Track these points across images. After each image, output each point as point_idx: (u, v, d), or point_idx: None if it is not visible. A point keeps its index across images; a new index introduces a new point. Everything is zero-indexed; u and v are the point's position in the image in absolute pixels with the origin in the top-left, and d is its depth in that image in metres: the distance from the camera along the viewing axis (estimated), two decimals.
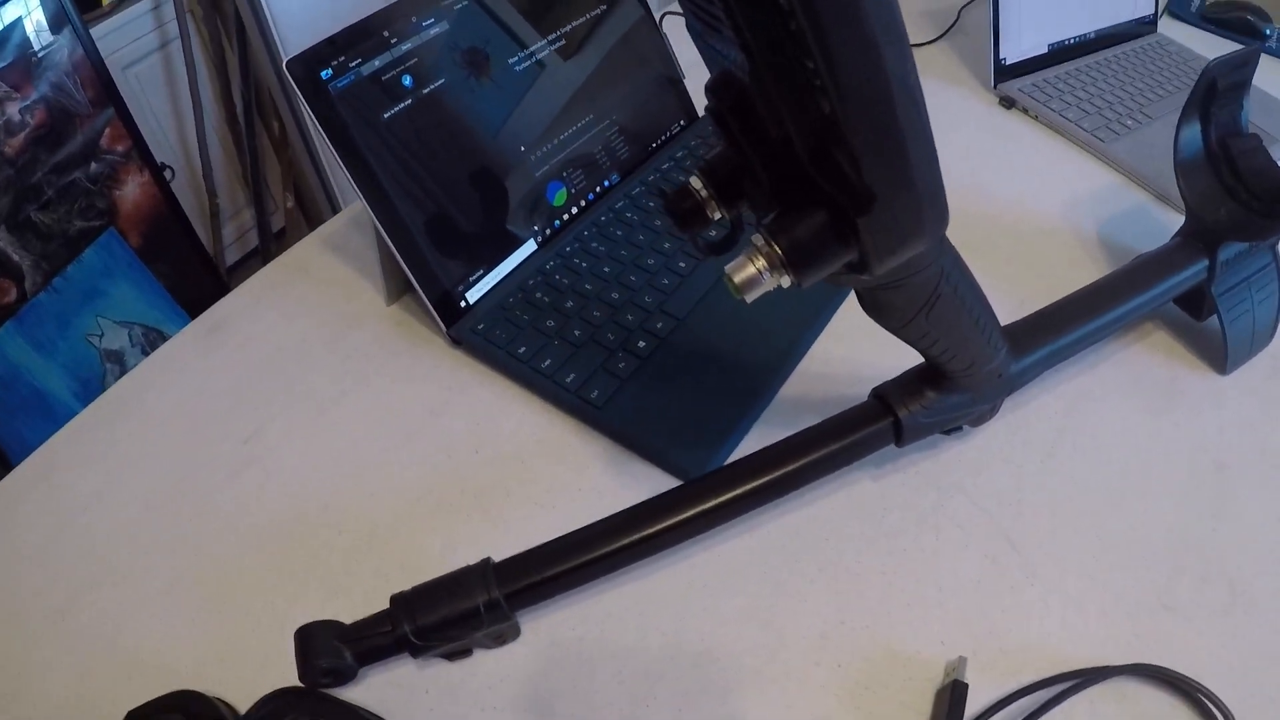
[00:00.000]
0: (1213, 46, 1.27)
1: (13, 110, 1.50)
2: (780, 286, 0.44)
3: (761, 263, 0.43)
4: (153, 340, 1.74)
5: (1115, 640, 0.58)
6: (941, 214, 0.42)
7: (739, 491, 0.59)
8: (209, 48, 2.06)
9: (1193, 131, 0.76)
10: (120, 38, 1.93)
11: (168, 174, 1.90)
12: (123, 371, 1.56)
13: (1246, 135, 0.76)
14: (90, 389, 1.59)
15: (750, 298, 0.44)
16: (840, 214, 0.41)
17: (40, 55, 1.54)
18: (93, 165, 1.67)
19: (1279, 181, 0.73)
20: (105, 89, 1.68)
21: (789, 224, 0.42)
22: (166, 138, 2.09)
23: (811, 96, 0.37)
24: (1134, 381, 0.75)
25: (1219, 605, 0.60)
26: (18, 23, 1.50)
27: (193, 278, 1.91)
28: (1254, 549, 0.63)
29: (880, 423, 0.61)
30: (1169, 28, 1.35)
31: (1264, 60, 1.28)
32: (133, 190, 1.78)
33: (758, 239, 0.43)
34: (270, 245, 2.29)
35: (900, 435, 0.62)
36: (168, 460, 0.72)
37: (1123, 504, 0.66)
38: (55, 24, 1.56)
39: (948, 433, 0.67)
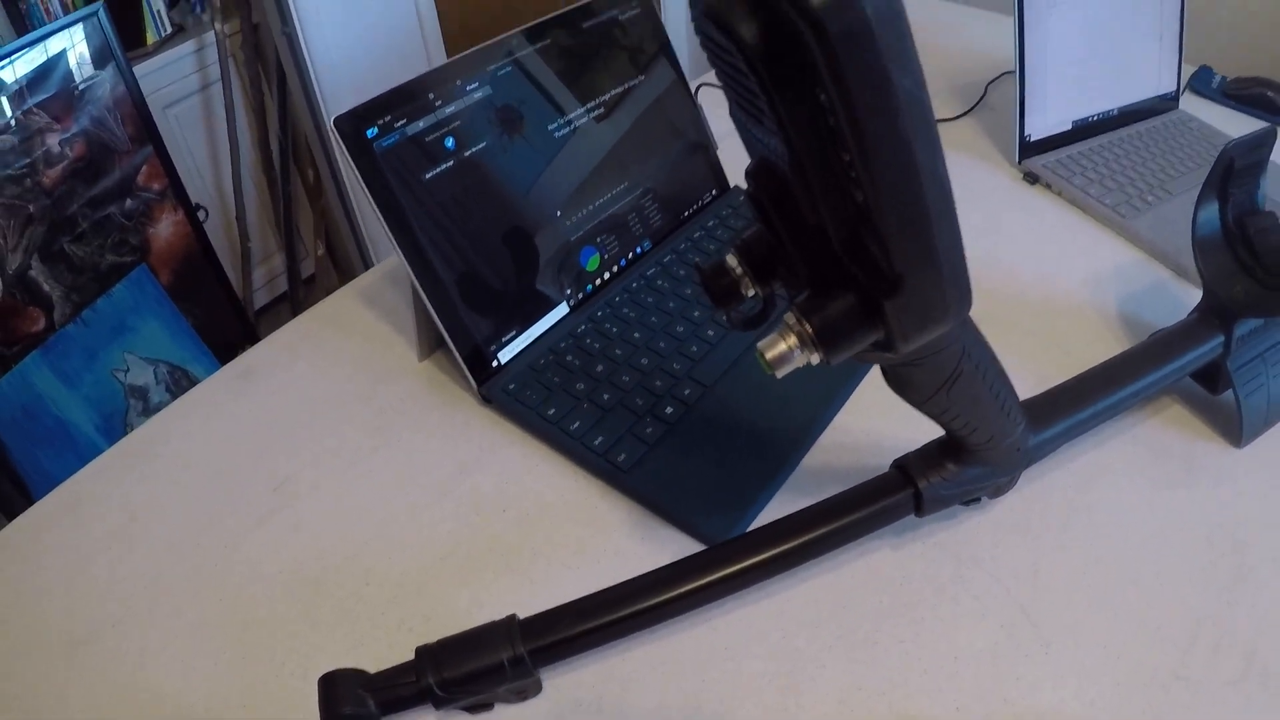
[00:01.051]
0: (1233, 122, 1.28)
1: (53, 141, 1.53)
2: (810, 363, 0.46)
3: (793, 340, 0.45)
4: (178, 379, 1.76)
5: (1129, 711, 0.59)
6: (964, 297, 0.45)
7: (761, 558, 0.60)
8: (249, 93, 2.11)
9: (1210, 210, 0.78)
10: (163, 77, 1.99)
11: (201, 214, 1.93)
12: (146, 408, 1.59)
13: (1263, 213, 0.78)
14: (113, 424, 1.62)
15: (781, 373, 0.46)
16: (868, 296, 0.43)
17: (82, 89, 1.58)
18: (128, 201, 1.71)
19: None
20: (145, 126, 1.72)
21: (820, 304, 0.44)
22: (202, 179, 2.13)
23: (846, 186, 0.39)
24: (1150, 455, 0.76)
25: (1233, 676, 0.61)
26: (62, 55, 1.54)
27: (221, 319, 1.94)
28: (1271, 620, 0.64)
29: (901, 493, 0.62)
30: (1191, 104, 1.37)
31: None
32: (166, 228, 1.81)
33: (790, 318, 0.45)
34: (299, 291, 2.33)
35: (920, 506, 0.63)
36: (196, 502, 0.73)
37: (1139, 577, 0.66)
38: (99, 59, 1.60)
39: (967, 504, 0.68)
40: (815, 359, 0.46)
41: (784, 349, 0.45)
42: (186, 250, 1.86)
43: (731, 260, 0.50)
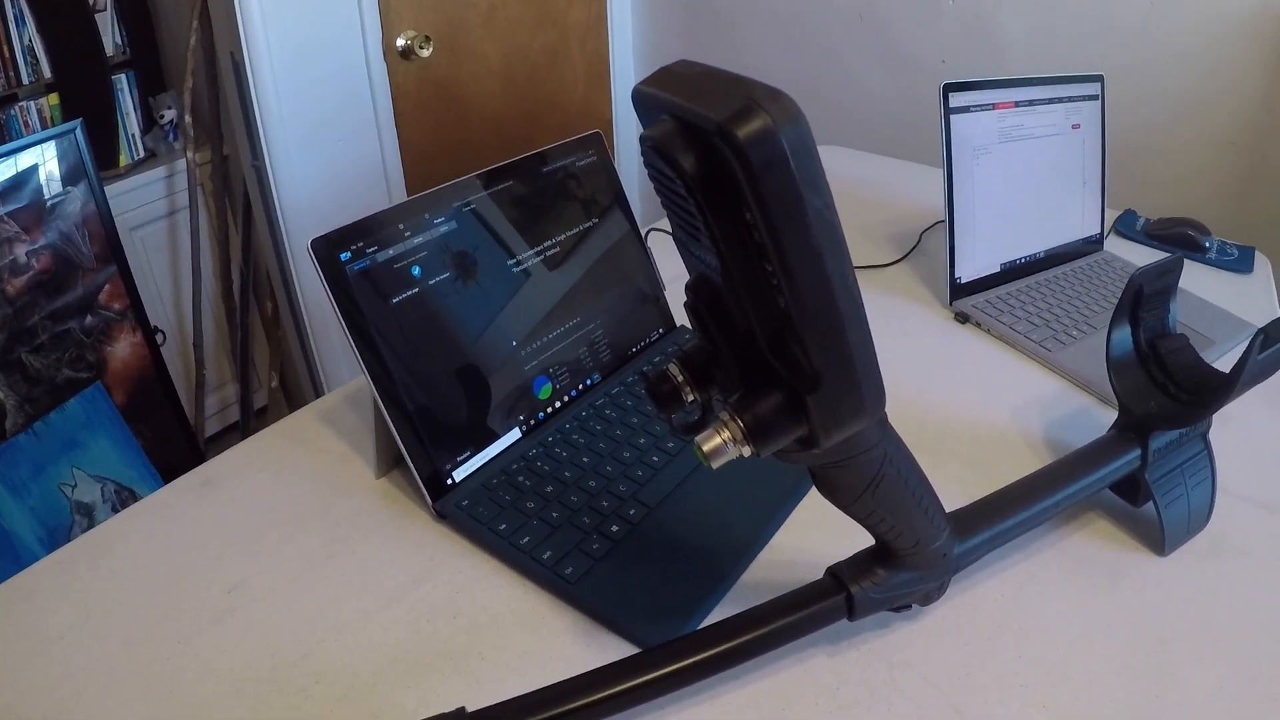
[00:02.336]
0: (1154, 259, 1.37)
1: (20, 251, 1.56)
2: (742, 456, 0.51)
3: (727, 434, 0.50)
4: (124, 499, 1.75)
5: None
6: (878, 395, 0.50)
7: (699, 658, 0.62)
8: (215, 222, 2.16)
9: (1123, 334, 0.84)
10: (132, 199, 2.04)
11: (159, 337, 1.95)
12: (91, 524, 1.57)
13: (1174, 335, 0.84)
14: (57, 538, 1.60)
15: (716, 465, 0.51)
16: (793, 394, 0.49)
17: (53, 203, 1.62)
18: (88, 318, 1.73)
19: (1205, 374, 0.80)
20: (111, 246, 1.75)
21: (751, 402, 0.50)
22: (163, 302, 2.15)
23: (770, 294, 0.45)
24: (1077, 565, 0.80)
25: None
26: (34, 169, 1.58)
27: (171, 443, 1.94)
28: (1199, 714, 0.67)
29: (833, 598, 0.66)
30: (1115, 245, 1.46)
31: (1202, 268, 1.39)
32: (124, 348, 1.83)
33: (724, 415, 0.50)
34: (251, 421, 2.33)
35: (852, 610, 0.66)
36: (150, 600, 0.75)
37: (1069, 679, 0.69)
38: (71, 176, 1.65)
39: (898, 610, 0.71)
40: (746, 452, 0.51)
41: (719, 442, 0.50)
42: (142, 372, 1.88)
43: (673, 369, 0.55)
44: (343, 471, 0.89)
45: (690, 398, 0.55)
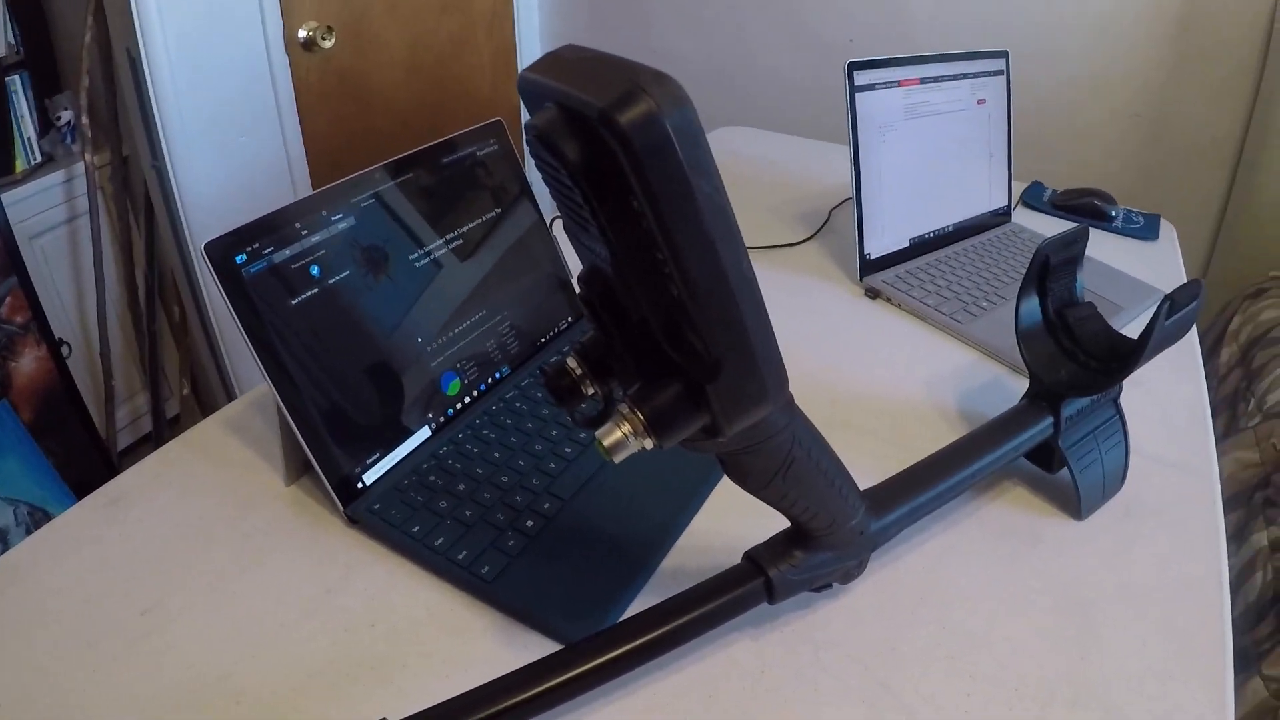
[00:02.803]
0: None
1: None
2: (644, 449, 0.50)
3: (627, 428, 0.49)
4: (37, 519, 1.70)
5: None
6: (780, 380, 0.49)
7: (621, 651, 0.62)
8: (116, 226, 2.09)
9: (1031, 304, 0.85)
10: (30, 207, 1.95)
11: (65, 350, 1.89)
12: (5, 548, 1.52)
13: (1082, 304, 0.86)
14: None
15: (618, 459, 0.50)
16: (693, 383, 0.48)
17: None
18: None
19: (1114, 341, 0.82)
20: (10, 257, 1.70)
21: (650, 394, 0.49)
22: (67, 314, 2.08)
23: (662, 283, 0.44)
24: (996, 533, 0.81)
25: None
26: None
27: (82, 458, 1.89)
28: (1123, 672, 0.68)
29: (752, 582, 0.66)
30: (1023, 217, 1.49)
31: (1108, 236, 1.43)
32: (28, 363, 1.77)
33: (624, 408, 0.49)
34: (164, 431, 2.27)
35: (772, 593, 0.66)
36: (64, 628, 0.72)
37: (993, 645, 0.70)
38: None
39: (818, 590, 0.71)
40: (649, 444, 0.50)
41: (619, 436, 0.49)
42: (48, 387, 1.82)
43: (571, 362, 0.54)
44: (252, 481, 0.86)
45: (590, 391, 0.54)
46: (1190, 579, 0.77)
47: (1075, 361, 0.83)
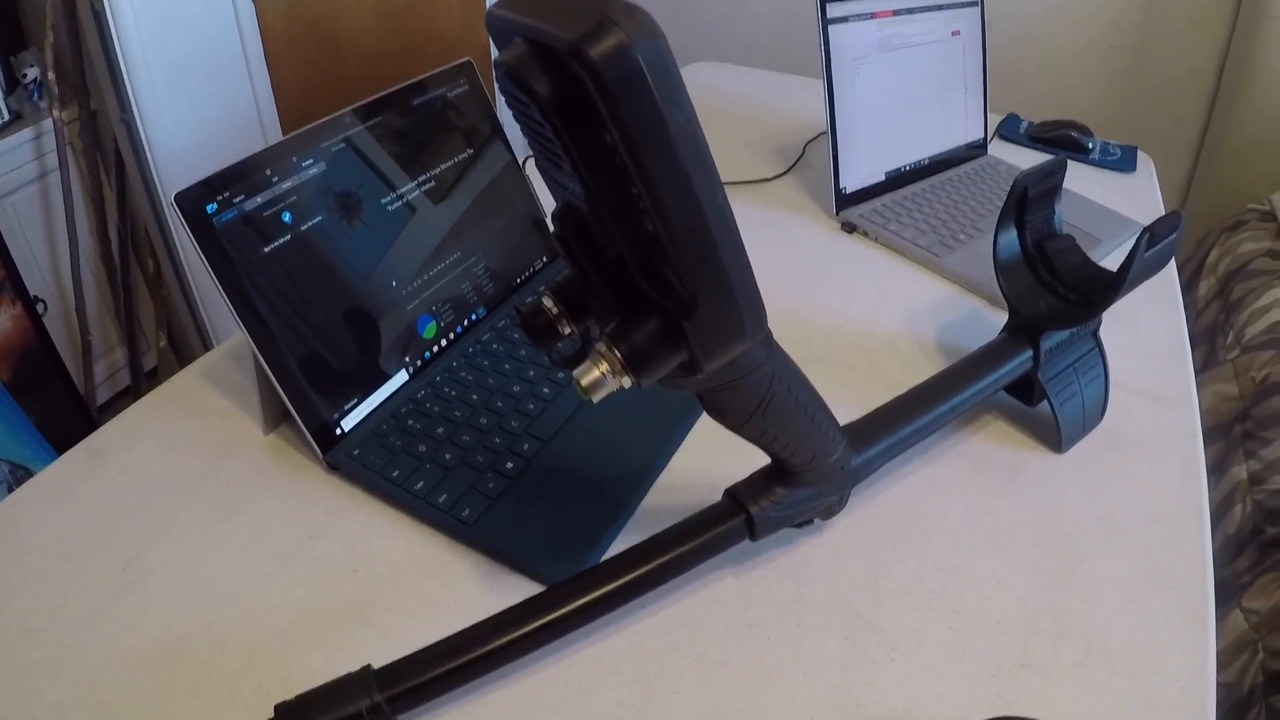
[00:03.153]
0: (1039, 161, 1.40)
1: None
2: (623, 387, 0.50)
3: (605, 367, 0.49)
4: (19, 478, 1.69)
5: (978, 701, 0.63)
6: (758, 315, 0.49)
7: (605, 590, 0.62)
8: (87, 182, 2.06)
9: (1009, 236, 0.85)
10: None
11: (40, 307, 1.88)
12: None
13: (1061, 236, 0.85)
14: None
15: (596, 398, 0.50)
16: (670, 320, 0.47)
17: None
18: None
19: (1093, 274, 0.82)
20: None
21: (627, 331, 0.49)
22: (40, 271, 2.06)
23: (637, 218, 0.44)
24: (977, 467, 0.81)
25: (1076, 659, 0.65)
26: None
27: (62, 415, 1.88)
28: (1104, 605, 0.69)
29: (733, 519, 0.66)
30: (999, 150, 1.48)
31: (1086, 169, 1.43)
32: (4, 322, 1.76)
33: (601, 346, 0.49)
34: (142, 384, 2.26)
35: (753, 530, 0.66)
36: (48, 583, 0.72)
37: (974, 579, 0.71)
38: None
39: (799, 526, 0.72)
40: (627, 383, 0.49)
41: (597, 375, 0.49)
42: (25, 345, 1.81)
43: (547, 301, 0.53)
44: (230, 431, 0.86)
45: (567, 330, 0.54)
46: (1171, 512, 0.78)
47: (1054, 294, 0.83)
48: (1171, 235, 0.76)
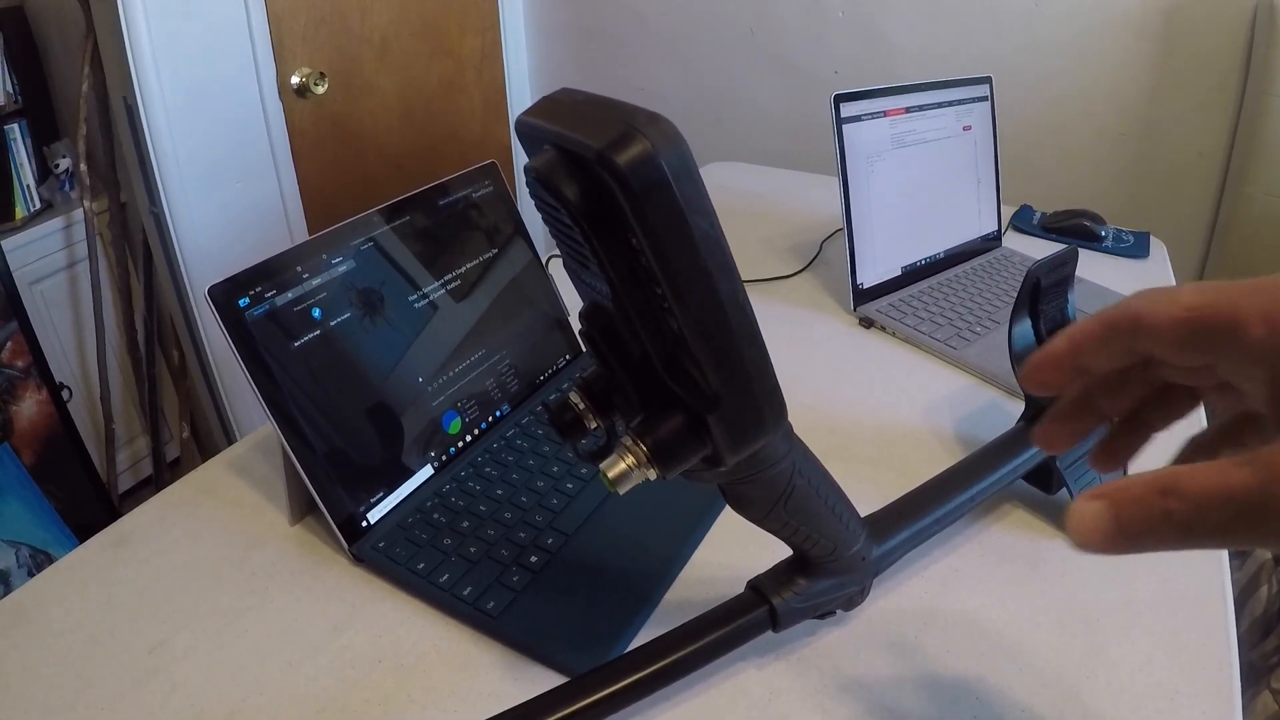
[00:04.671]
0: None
1: None
2: (648, 479, 0.51)
3: (630, 460, 0.50)
4: (40, 562, 1.70)
5: None
6: (779, 409, 0.50)
7: (627, 681, 0.62)
8: (115, 272, 2.11)
9: (1024, 326, 0.86)
10: (30, 253, 1.98)
11: (65, 394, 1.90)
12: (7, 591, 1.52)
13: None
14: None
15: (623, 490, 0.51)
16: (694, 414, 0.49)
17: None
18: None
19: None
20: (11, 302, 1.71)
21: (652, 426, 0.50)
22: (67, 358, 2.10)
23: (662, 317, 0.45)
24: (998, 556, 0.81)
25: None
26: None
27: (84, 502, 1.89)
28: (1130, 690, 0.68)
29: (756, 611, 0.66)
30: (1014, 241, 1.50)
31: (1100, 257, 1.44)
32: (30, 407, 1.78)
33: (627, 440, 0.50)
34: (164, 474, 2.28)
35: (776, 621, 0.66)
36: (70, 667, 0.72)
37: (999, 665, 0.71)
38: None
39: (821, 617, 0.72)
40: (652, 475, 0.51)
41: (623, 468, 0.50)
42: (50, 431, 1.83)
43: (574, 397, 0.55)
44: (256, 521, 0.87)
45: (593, 424, 0.55)
46: (1194, 595, 0.77)
47: None
48: None
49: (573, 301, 1.09)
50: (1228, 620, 0.75)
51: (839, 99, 1.19)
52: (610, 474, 0.50)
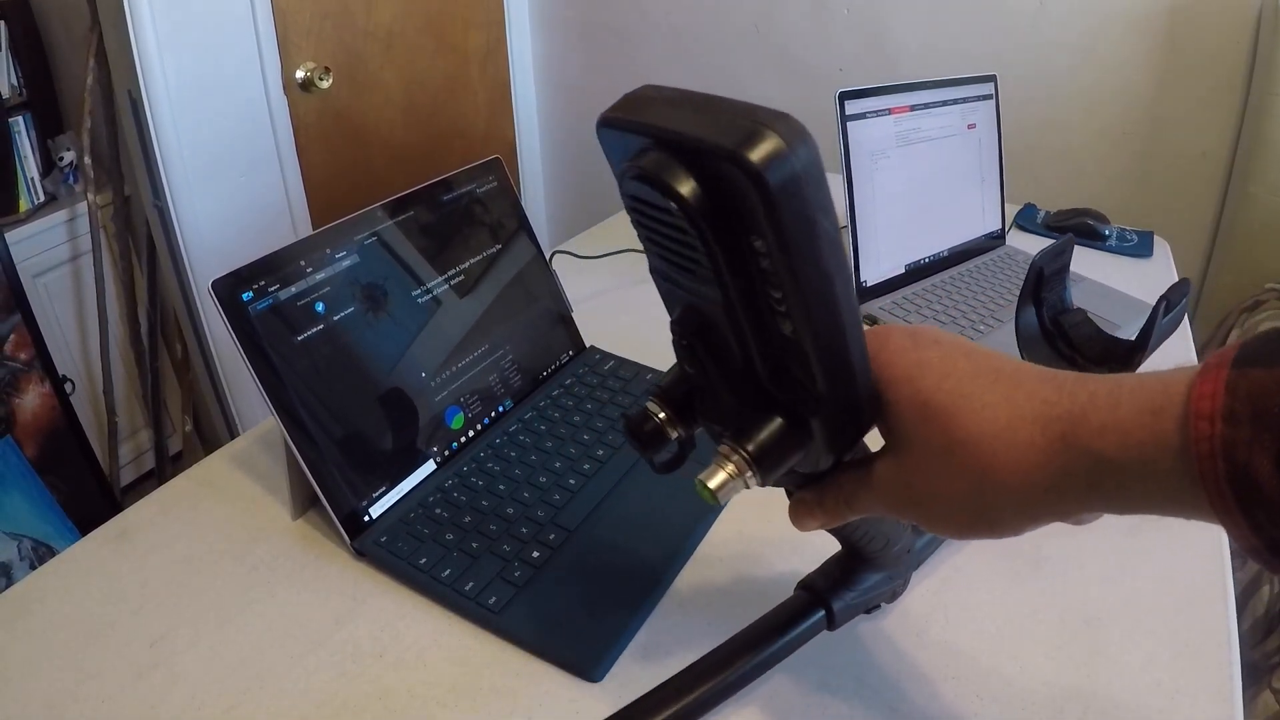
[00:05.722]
0: None
1: None
2: (747, 487, 0.49)
3: (731, 468, 0.48)
4: (41, 555, 1.70)
5: None
6: (876, 408, 0.49)
7: (693, 697, 0.63)
8: (118, 265, 2.11)
9: (1029, 315, 0.87)
10: (33, 246, 1.98)
11: (68, 387, 1.90)
12: (9, 584, 1.52)
13: (1074, 310, 0.88)
14: None
15: (724, 500, 0.49)
16: (795, 418, 0.47)
17: None
18: None
19: (1109, 344, 0.84)
20: (14, 295, 1.71)
21: (752, 431, 0.48)
22: (70, 351, 2.10)
23: (773, 320, 0.44)
24: (999, 552, 0.81)
25: None
26: None
27: (86, 495, 1.89)
28: (1130, 688, 0.69)
29: (813, 613, 0.65)
30: (1017, 239, 1.50)
31: (1103, 255, 1.44)
32: (32, 400, 1.78)
33: (724, 448, 0.48)
34: (167, 468, 2.28)
35: (832, 621, 0.66)
36: (72, 660, 0.72)
37: (1000, 666, 0.71)
38: None
39: (868, 611, 0.71)
40: (753, 483, 0.49)
41: (724, 477, 0.48)
42: (52, 424, 1.83)
43: (653, 406, 0.53)
44: (258, 515, 0.87)
45: (675, 434, 0.53)
46: (1195, 593, 0.77)
47: (1074, 366, 0.84)
48: (1183, 300, 0.80)
49: (576, 295, 1.09)
50: (1229, 619, 0.75)
51: (843, 96, 1.19)
52: (711, 484, 0.48)
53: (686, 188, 0.41)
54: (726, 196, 0.40)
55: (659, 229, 0.45)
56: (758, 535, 0.63)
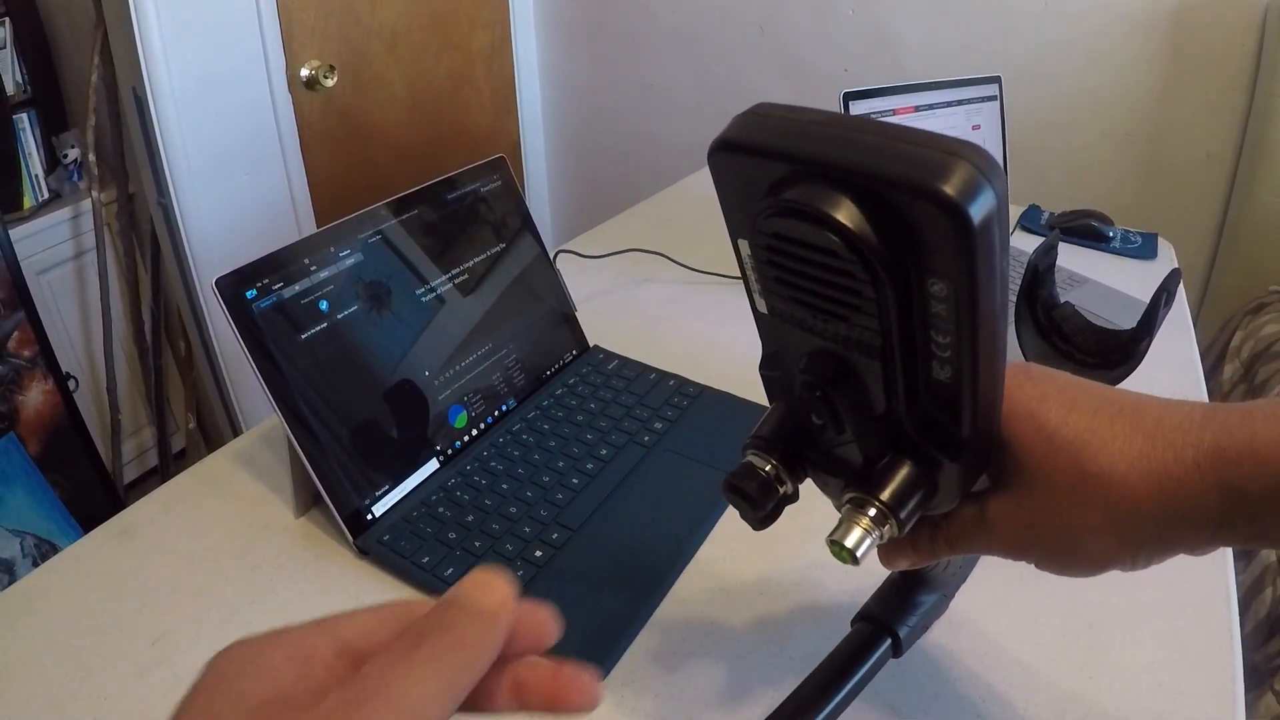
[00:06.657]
0: (1062, 253, 1.41)
1: None
2: (882, 539, 0.46)
3: (866, 522, 0.45)
4: (44, 552, 1.70)
5: None
6: (994, 448, 0.46)
7: None
8: (122, 263, 2.11)
9: (1028, 315, 0.88)
10: (37, 243, 1.98)
11: (71, 384, 1.90)
12: (11, 580, 1.52)
13: (1063, 305, 0.89)
14: None
15: (863, 556, 0.45)
16: (926, 462, 0.44)
17: None
18: None
19: (1097, 333, 0.85)
20: (18, 292, 1.71)
21: (884, 479, 0.45)
22: (73, 348, 2.10)
23: (929, 364, 0.41)
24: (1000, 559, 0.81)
25: None
26: None
27: (89, 492, 1.89)
28: (1132, 691, 0.68)
29: (880, 644, 0.60)
30: (1022, 241, 1.49)
31: (1107, 257, 1.44)
32: (36, 397, 1.78)
33: (853, 500, 0.45)
34: (170, 465, 2.27)
35: (899, 649, 0.61)
36: (74, 657, 0.72)
37: (1000, 668, 0.71)
38: None
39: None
40: (889, 533, 0.46)
41: (860, 533, 0.45)
42: (55, 420, 1.83)
43: (757, 460, 0.49)
44: (261, 513, 0.87)
45: (784, 489, 0.49)
46: (1198, 597, 0.77)
47: (1072, 360, 0.85)
48: (1177, 287, 0.83)
49: (580, 295, 1.09)
50: (1231, 622, 0.75)
51: (848, 97, 1.19)
52: (848, 543, 0.45)
53: (855, 223, 0.37)
54: (897, 233, 0.37)
55: (808, 269, 0.40)
56: (761, 535, 0.62)
